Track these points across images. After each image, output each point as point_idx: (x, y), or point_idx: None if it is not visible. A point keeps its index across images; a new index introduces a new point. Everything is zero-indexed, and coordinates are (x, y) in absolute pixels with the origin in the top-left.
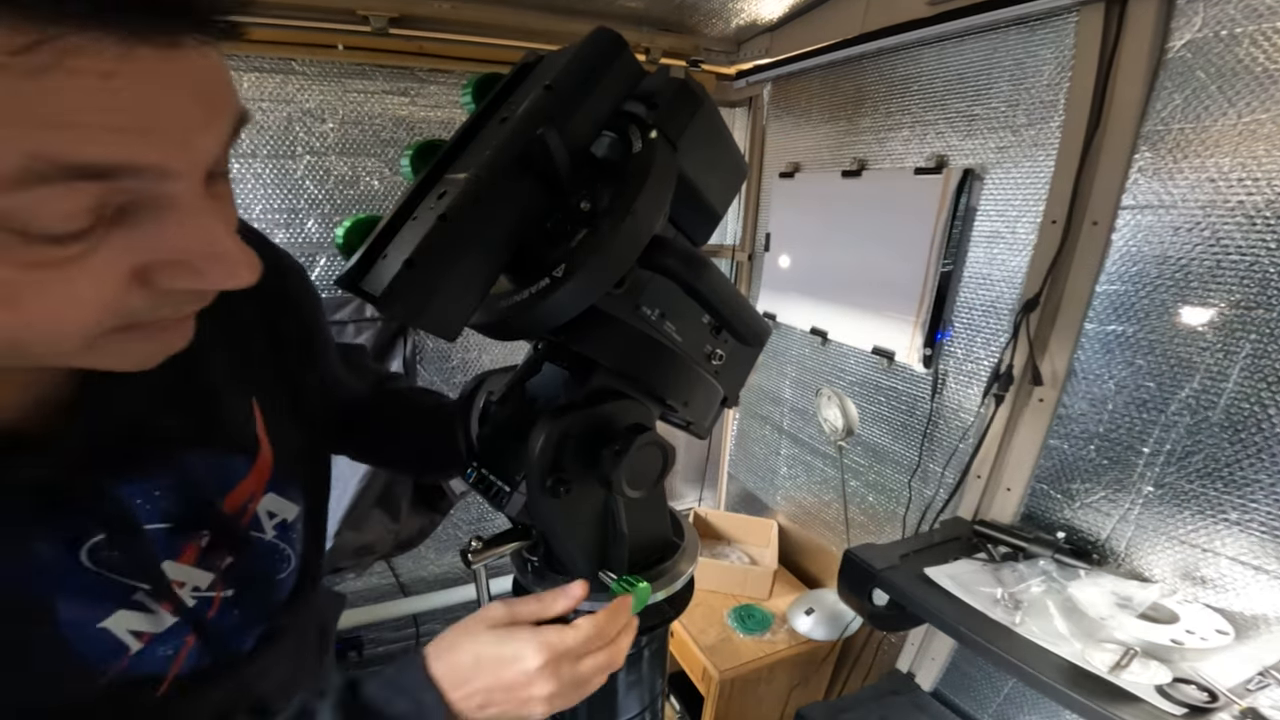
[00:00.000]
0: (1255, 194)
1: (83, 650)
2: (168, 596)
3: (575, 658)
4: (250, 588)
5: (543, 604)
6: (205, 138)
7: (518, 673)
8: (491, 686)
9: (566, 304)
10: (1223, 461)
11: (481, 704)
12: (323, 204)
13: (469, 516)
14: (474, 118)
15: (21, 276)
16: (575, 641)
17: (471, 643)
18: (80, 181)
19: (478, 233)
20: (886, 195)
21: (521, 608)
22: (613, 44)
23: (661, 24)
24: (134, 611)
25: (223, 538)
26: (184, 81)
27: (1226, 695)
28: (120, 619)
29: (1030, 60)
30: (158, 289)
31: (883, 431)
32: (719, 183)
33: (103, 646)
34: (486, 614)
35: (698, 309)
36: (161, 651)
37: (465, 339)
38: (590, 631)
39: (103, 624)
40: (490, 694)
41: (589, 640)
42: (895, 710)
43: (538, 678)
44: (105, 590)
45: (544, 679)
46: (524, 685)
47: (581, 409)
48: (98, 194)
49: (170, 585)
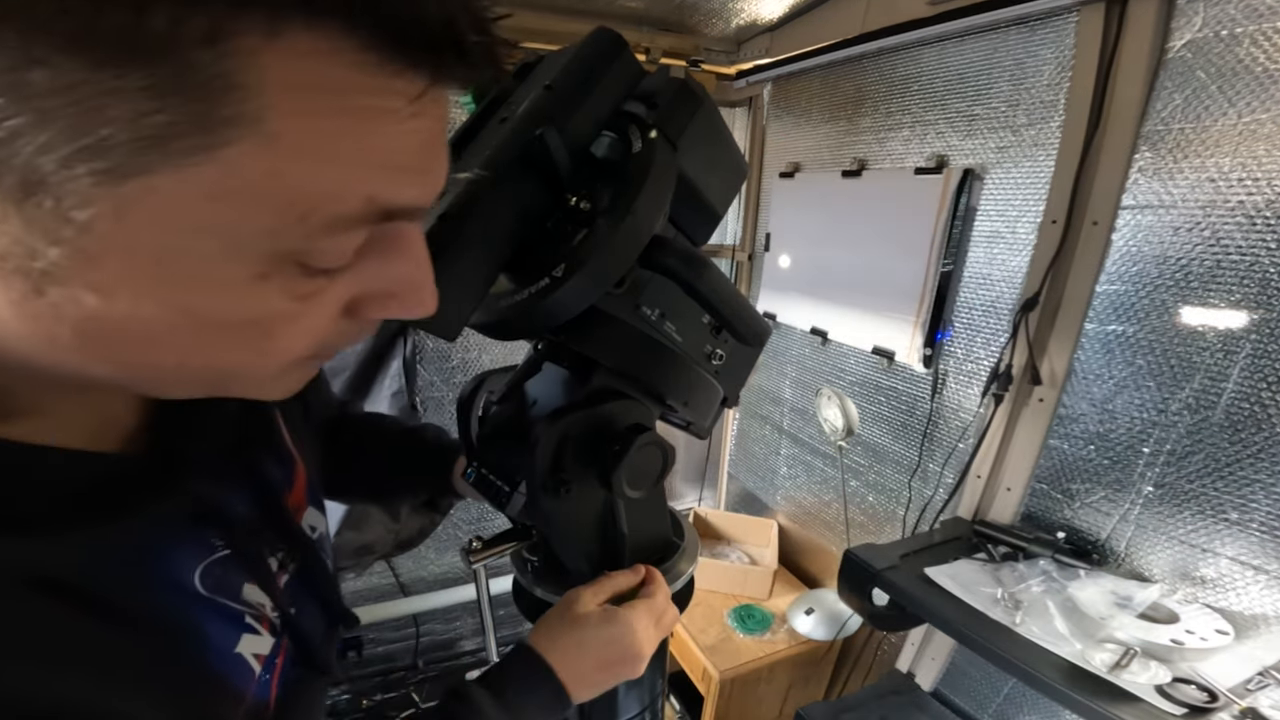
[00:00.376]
0: (1255, 194)
1: (231, 677)
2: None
3: (660, 613)
4: (310, 603)
5: (623, 580)
6: (445, 175)
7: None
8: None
9: (566, 304)
10: (1223, 461)
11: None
12: None
13: (469, 516)
14: (474, 118)
15: (290, 308)
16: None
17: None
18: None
19: (477, 232)
20: (886, 195)
21: (604, 589)
22: (613, 44)
23: (661, 24)
24: (251, 634)
25: (294, 549)
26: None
27: (1226, 695)
28: (247, 644)
29: (1030, 60)
30: (360, 319)
31: (883, 431)
32: (719, 183)
33: (241, 673)
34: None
35: (698, 309)
36: (265, 675)
37: (465, 339)
38: (660, 590)
39: (237, 649)
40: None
41: (663, 596)
42: (895, 710)
43: (642, 646)
44: (228, 615)
45: (647, 644)
46: (632, 661)
47: (581, 409)
48: (371, 232)
49: (277, 589)
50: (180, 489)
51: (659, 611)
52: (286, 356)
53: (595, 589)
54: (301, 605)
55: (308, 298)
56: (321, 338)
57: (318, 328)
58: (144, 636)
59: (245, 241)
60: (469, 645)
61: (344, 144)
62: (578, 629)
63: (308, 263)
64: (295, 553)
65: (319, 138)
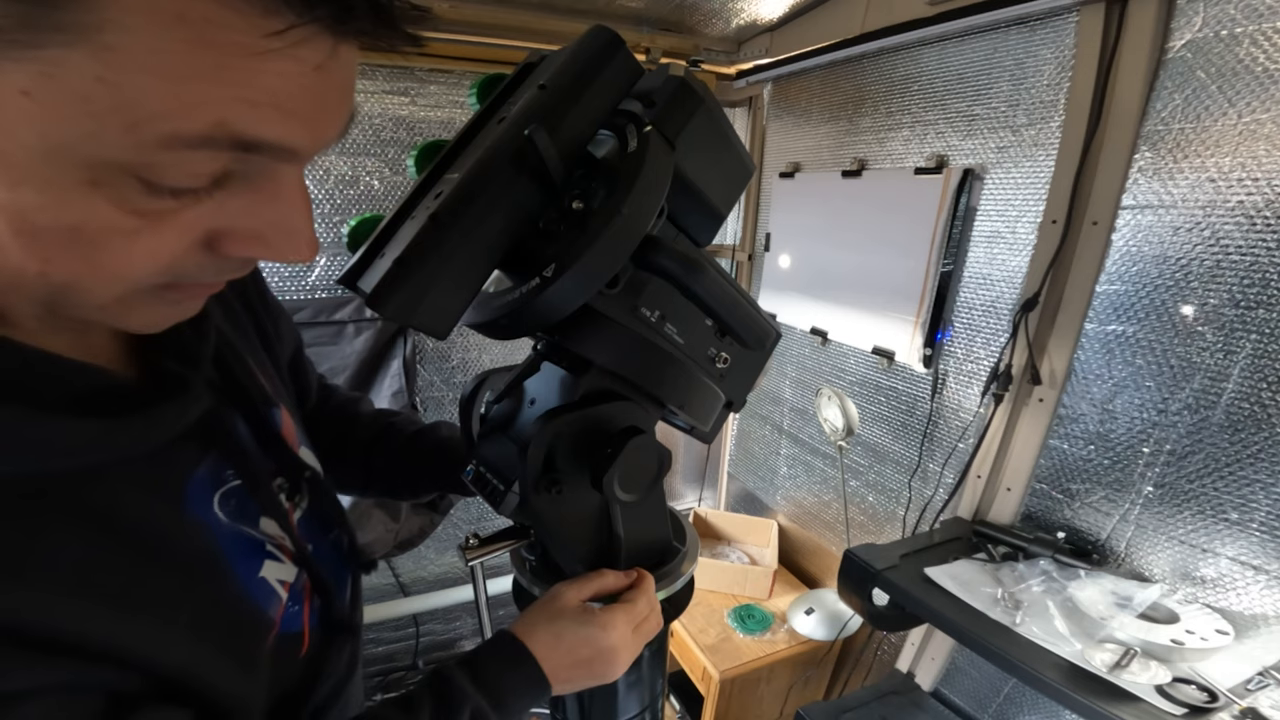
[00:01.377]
0: (1255, 194)
1: (257, 600)
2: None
3: (641, 621)
4: (325, 543)
5: (611, 581)
6: (334, 129)
7: (596, 652)
8: (577, 663)
9: (556, 304)
10: (1223, 461)
11: (567, 678)
12: (323, 204)
13: (469, 516)
14: (476, 117)
15: (124, 222)
16: (635, 611)
17: (552, 628)
18: (233, 151)
19: (468, 232)
20: (886, 195)
21: (588, 587)
22: (609, 43)
23: (661, 24)
24: (273, 561)
25: (296, 477)
26: (344, 77)
27: (1226, 695)
28: (270, 570)
29: (1030, 60)
30: (219, 255)
31: (883, 431)
32: (721, 182)
33: (267, 596)
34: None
35: (699, 311)
36: (295, 608)
37: (466, 339)
38: (643, 596)
39: (261, 573)
40: (575, 670)
41: (645, 603)
42: (895, 710)
43: (617, 652)
44: (249, 541)
45: (623, 650)
46: (605, 662)
47: (577, 409)
48: (230, 160)
49: (286, 516)
50: (181, 411)
51: (638, 617)
52: (126, 275)
53: (580, 585)
54: (317, 544)
55: (150, 216)
56: (170, 264)
57: (164, 251)
58: (168, 559)
59: (67, 143)
60: (469, 645)
61: (191, 66)
62: (555, 621)
63: (149, 178)
64: (301, 485)
65: (162, 56)
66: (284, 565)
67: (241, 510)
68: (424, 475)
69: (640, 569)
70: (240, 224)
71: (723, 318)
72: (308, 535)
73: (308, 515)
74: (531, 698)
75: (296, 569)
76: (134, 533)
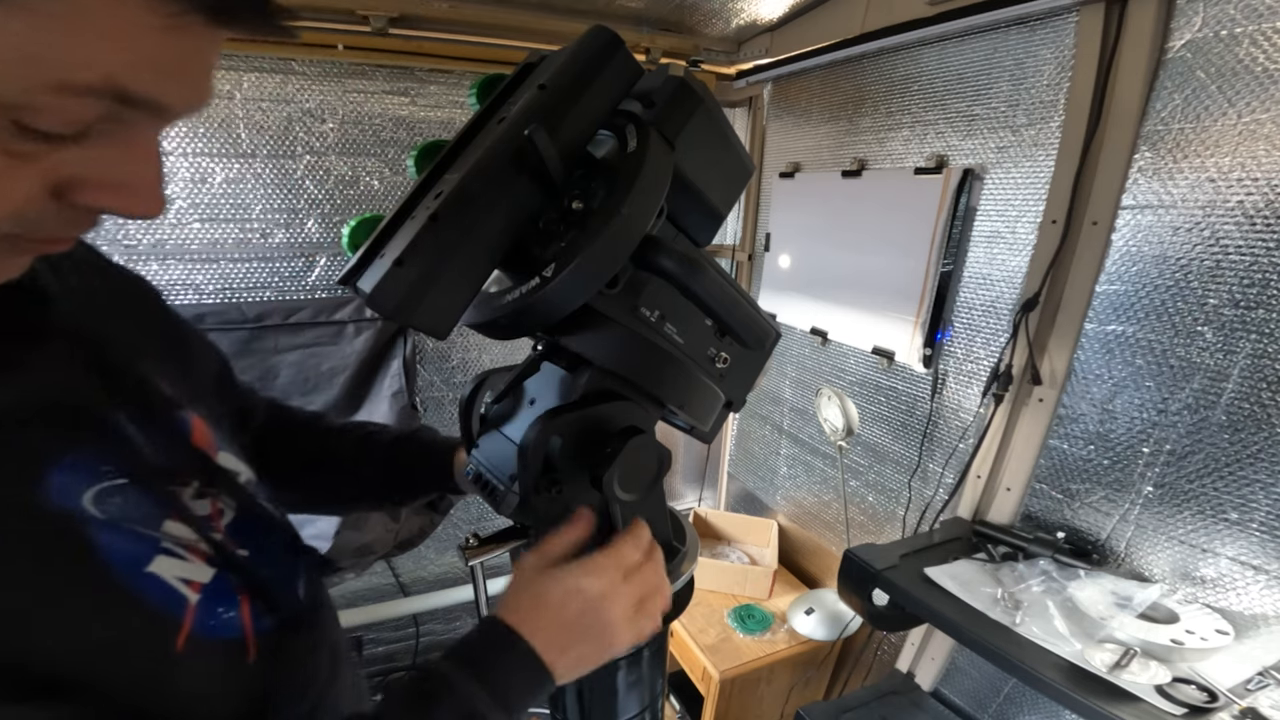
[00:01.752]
0: (1255, 194)
1: (143, 594)
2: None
3: (631, 569)
4: (267, 546)
5: (568, 535)
6: (200, 100)
7: (584, 603)
8: (568, 624)
9: (556, 304)
10: (1223, 461)
11: (563, 646)
12: (323, 204)
13: (469, 516)
14: (475, 117)
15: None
16: (621, 555)
17: (529, 591)
18: (112, 102)
19: (468, 232)
20: (886, 195)
21: (551, 548)
22: (609, 43)
23: (661, 24)
24: (170, 558)
25: (213, 481)
26: (213, 57)
27: (1226, 695)
28: (164, 565)
29: (1030, 60)
30: (67, 203)
31: (883, 431)
32: (721, 182)
33: (161, 592)
34: (524, 565)
35: (698, 311)
36: (224, 611)
37: (466, 339)
38: (630, 541)
39: (149, 568)
40: (569, 633)
41: (632, 548)
42: (895, 710)
43: (608, 600)
44: (133, 537)
45: (615, 599)
46: (596, 611)
47: (577, 409)
48: (105, 110)
49: (199, 519)
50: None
51: (625, 562)
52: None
53: (539, 551)
54: (255, 548)
55: (14, 156)
56: (20, 208)
57: (17, 193)
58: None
59: None
60: None
61: (99, 27)
62: (530, 587)
63: (24, 120)
64: (219, 488)
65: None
66: (191, 564)
67: (129, 509)
68: (418, 477)
69: (636, 518)
70: (97, 173)
71: (722, 318)
72: (242, 540)
73: (240, 520)
74: (528, 675)
75: (213, 570)
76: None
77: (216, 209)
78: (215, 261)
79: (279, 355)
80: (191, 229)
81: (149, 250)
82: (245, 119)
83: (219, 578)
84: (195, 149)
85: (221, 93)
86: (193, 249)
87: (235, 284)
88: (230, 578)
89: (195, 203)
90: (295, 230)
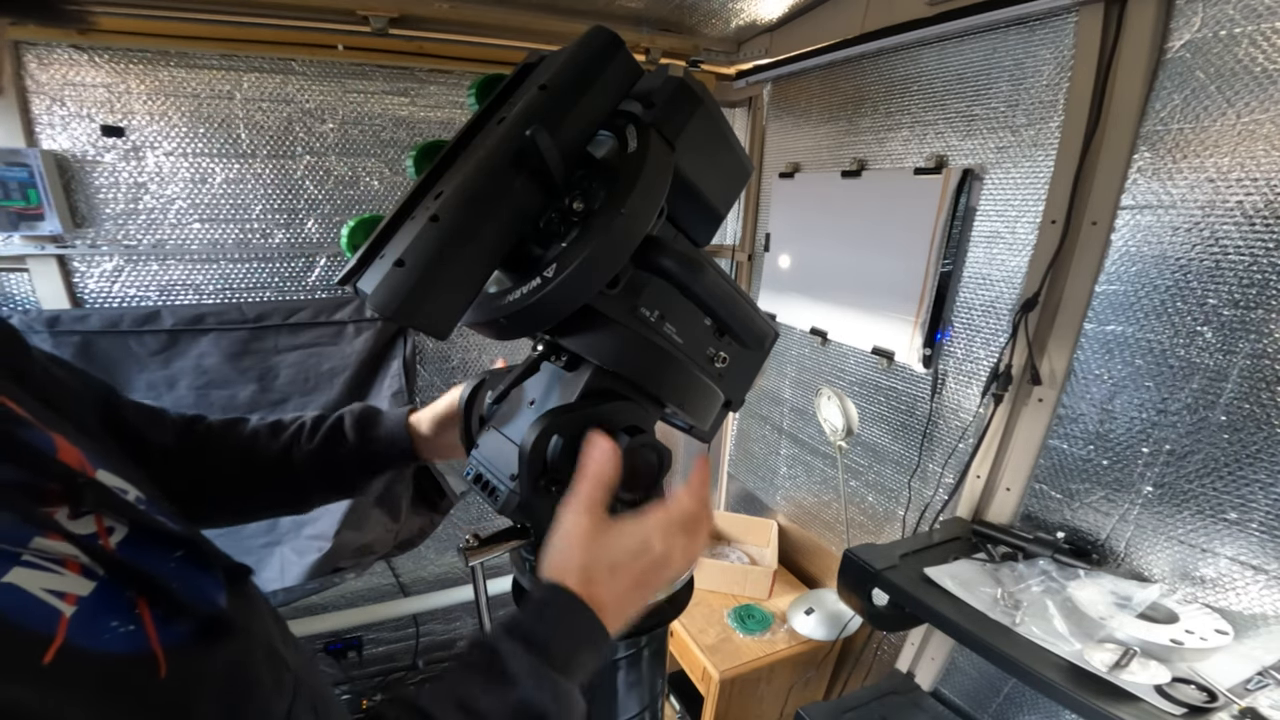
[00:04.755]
0: (1254, 194)
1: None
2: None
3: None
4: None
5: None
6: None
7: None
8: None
9: (556, 304)
10: (1222, 461)
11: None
12: (323, 204)
13: (469, 516)
14: (475, 118)
15: None
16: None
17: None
18: None
19: (469, 232)
20: (886, 195)
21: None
22: (609, 43)
23: (661, 24)
24: (34, 570)
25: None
26: None
27: (1226, 695)
28: (24, 576)
29: (1030, 60)
30: None
31: (882, 431)
32: (721, 182)
33: (22, 605)
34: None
35: (698, 311)
36: (117, 625)
37: (466, 339)
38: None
39: (6, 578)
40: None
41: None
42: (895, 710)
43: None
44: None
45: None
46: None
47: (577, 409)
48: None
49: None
50: None
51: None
52: None
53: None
54: (155, 562)
55: None
56: None
57: None
58: None
59: None
60: None
61: None
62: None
63: None
64: (105, 507)
65: None
66: (62, 577)
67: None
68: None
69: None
70: None
71: (722, 317)
72: (138, 555)
73: (133, 536)
74: (591, 643)
75: (93, 583)
76: None
77: (216, 209)
78: (215, 262)
79: (279, 355)
80: (191, 229)
81: (149, 250)
82: (245, 119)
83: (103, 590)
84: (195, 149)
85: (221, 93)
86: (193, 249)
87: (235, 284)
88: (121, 591)
89: (195, 203)
90: (295, 230)
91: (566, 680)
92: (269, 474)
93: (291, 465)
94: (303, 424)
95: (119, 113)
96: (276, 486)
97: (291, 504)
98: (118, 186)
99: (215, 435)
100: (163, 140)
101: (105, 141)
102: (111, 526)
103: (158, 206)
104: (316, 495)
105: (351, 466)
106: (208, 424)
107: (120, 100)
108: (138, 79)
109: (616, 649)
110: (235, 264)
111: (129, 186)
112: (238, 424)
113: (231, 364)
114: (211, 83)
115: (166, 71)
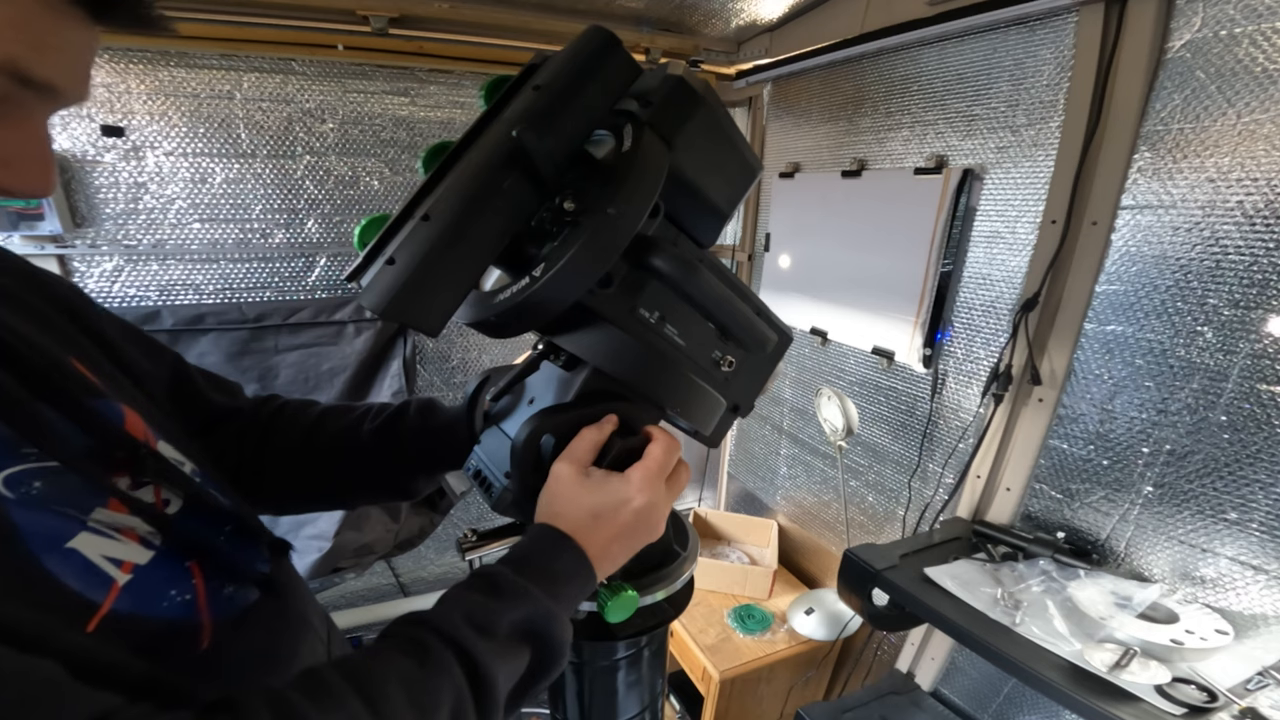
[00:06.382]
0: (1254, 194)
1: (58, 571)
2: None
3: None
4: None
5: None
6: (84, 88)
7: (631, 513)
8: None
9: (546, 303)
10: (1222, 461)
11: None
12: (323, 204)
13: (469, 516)
14: (480, 118)
15: None
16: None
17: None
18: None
19: (457, 232)
20: (886, 195)
21: (580, 451)
22: (605, 43)
23: (661, 24)
24: (98, 536)
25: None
26: (92, 49)
27: (1226, 695)
28: (87, 542)
29: (1030, 60)
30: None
31: (883, 431)
32: (724, 182)
33: (80, 569)
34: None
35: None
36: (176, 594)
37: (466, 339)
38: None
39: (70, 544)
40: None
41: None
42: (895, 710)
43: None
44: (55, 515)
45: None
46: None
47: (573, 409)
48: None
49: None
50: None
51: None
52: None
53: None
54: (207, 534)
55: None
56: None
57: None
58: None
59: None
60: None
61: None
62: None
63: None
64: (163, 478)
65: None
66: (122, 544)
67: (55, 492)
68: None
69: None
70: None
71: (718, 318)
72: (194, 528)
73: (188, 508)
74: (576, 573)
75: (150, 552)
76: None
77: (216, 209)
78: (215, 261)
79: (279, 355)
80: (192, 229)
81: (149, 250)
82: (245, 119)
83: (161, 560)
84: (195, 149)
85: (222, 93)
86: (193, 249)
87: (235, 284)
88: (179, 561)
89: (195, 203)
90: (295, 230)
91: (556, 606)
92: (328, 454)
93: (354, 442)
94: (370, 406)
95: (119, 112)
96: (332, 470)
97: (340, 494)
98: (118, 186)
99: (289, 411)
100: (163, 140)
101: (105, 141)
102: (168, 498)
103: (158, 206)
104: (365, 489)
105: (412, 448)
106: (283, 401)
107: (120, 100)
108: (138, 79)
109: (616, 649)
110: (235, 264)
111: (129, 186)
112: (312, 404)
113: (231, 364)
114: (211, 83)
115: (166, 71)
